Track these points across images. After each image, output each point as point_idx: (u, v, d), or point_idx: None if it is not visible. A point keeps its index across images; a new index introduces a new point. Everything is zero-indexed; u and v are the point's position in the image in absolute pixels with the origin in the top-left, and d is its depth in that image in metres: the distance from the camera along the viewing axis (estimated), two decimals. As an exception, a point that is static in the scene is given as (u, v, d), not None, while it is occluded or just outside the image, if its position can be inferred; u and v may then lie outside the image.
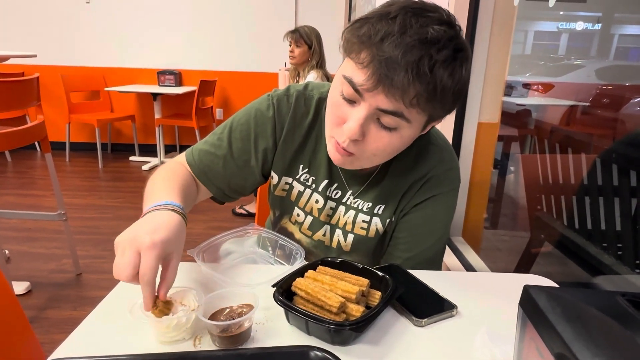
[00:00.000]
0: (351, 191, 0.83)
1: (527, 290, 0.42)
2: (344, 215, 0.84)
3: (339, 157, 0.70)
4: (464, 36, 0.65)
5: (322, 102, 0.81)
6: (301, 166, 0.84)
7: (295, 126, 0.82)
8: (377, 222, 0.82)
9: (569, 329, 0.35)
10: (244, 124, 0.82)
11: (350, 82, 0.62)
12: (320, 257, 0.75)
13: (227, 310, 0.60)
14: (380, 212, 0.82)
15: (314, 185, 0.84)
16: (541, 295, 0.40)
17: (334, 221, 0.85)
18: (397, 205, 0.82)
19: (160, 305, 0.57)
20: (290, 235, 0.90)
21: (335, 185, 0.83)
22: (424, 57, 0.57)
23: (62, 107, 4.23)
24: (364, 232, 0.83)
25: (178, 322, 0.56)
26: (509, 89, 2.43)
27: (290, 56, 2.83)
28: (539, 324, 0.39)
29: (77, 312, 1.88)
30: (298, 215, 0.87)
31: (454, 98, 0.64)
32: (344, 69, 0.65)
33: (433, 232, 0.83)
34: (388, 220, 0.82)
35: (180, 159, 0.85)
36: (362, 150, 0.67)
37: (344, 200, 0.84)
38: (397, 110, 0.62)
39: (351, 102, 0.65)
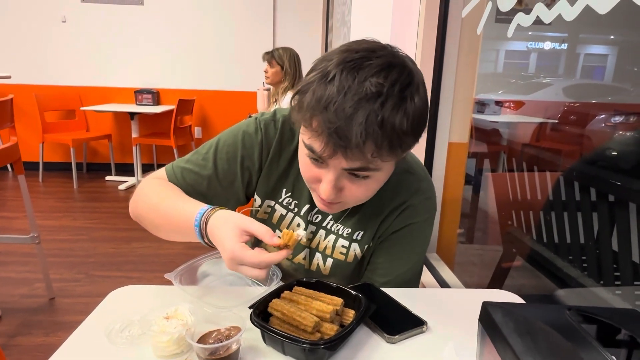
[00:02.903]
0: (332, 216, 0.85)
1: (485, 307, 0.45)
2: (324, 239, 0.86)
3: (324, 208, 0.73)
4: (433, 60, 0.67)
5: None
6: (284, 190, 0.85)
7: (281, 151, 0.83)
8: (355, 248, 0.84)
9: (520, 342, 0.38)
10: (231, 146, 0.83)
11: (311, 149, 0.64)
12: None
13: (215, 332, 0.61)
14: (359, 238, 0.84)
15: (296, 209, 0.86)
16: (497, 312, 0.44)
17: (314, 245, 0.87)
18: (375, 232, 0.84)
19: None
20: None
21: (316, 209, 0.85)
22: (370, 116, 0.57)
23: (35, 126, 4.15)
24: (342, 257, 0.85)
25: (179, 337, 0.59)
26: (482, 106, 2.52)
27: (265, 76, 2.98)
28: (495, 338, 0.42)
29: (49, 338, 1.83)
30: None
31: (416, 129, 0.63)
32: (304, 134, 0.66)
33: (410, 258, 0.86)
34: (366, 246, 0.84)
35: (160, 175, 0.85)
36: (345, 198, 0.70)
37: (324, 224, 0.86)
38: (362, 167, 0.63)
39: (319, 163, 0.66)
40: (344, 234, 0.84)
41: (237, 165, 0.83)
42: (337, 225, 0.85)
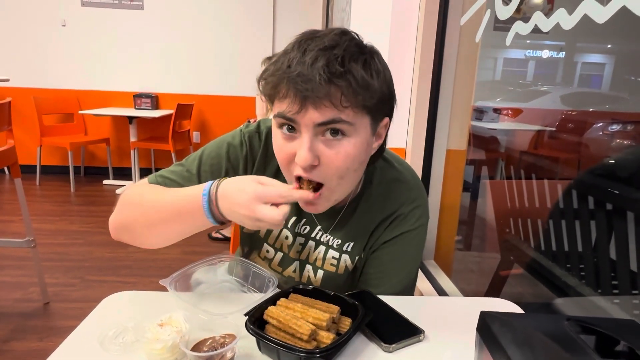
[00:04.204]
0: (320, 227, 0.84)
1: (483, 316, 0.45)
2: (314, 251, 0.85)
3: (310, 207, 0.71)
4: (431, 67, 0.67)
5: None
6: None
7: (266, 164, 0.83)
8: (346, 259, 0.83)
9: (518, 353, 0.38)
10: (215, 158, 0.82)
11: (282, 115, 0.64)
12: None
13: (210, 340, 0.60)
14: (349, 249, 0.83)
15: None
16: (495, 322, 0.43)
17: (303, 256, 0.86)
18: (366, 243, 0.83)
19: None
20: None
21: (304, 220, 0.85)
22: (331, 60, 0.60)
23: (33, 129, 4.14)
24: (333, 269, 0.84)
25: (173, 344, 0.58)
26: (480, 113, 2.53)
27: None
28: (493, 349, 0.42)
29: (43, 343, 1.81)
30: (267, 251, 0.88)
31: (381, 89, 0.65)
32: (273, 114, 0.67)
33: (402, 269, 0.84)
34: (357, 257, 0.83)
35: (142, 182, 0.83)
36: (325, 174, 0.66)
37: (312, 236, 0.85)
38: (334, 118, 0.62)
39: (292, 136, 0.66)
40: (334, 245, 0.83)
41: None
42: (327, 236, 0.84)
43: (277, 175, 0.82)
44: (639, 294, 1.09)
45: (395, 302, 0.77)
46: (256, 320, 0.64)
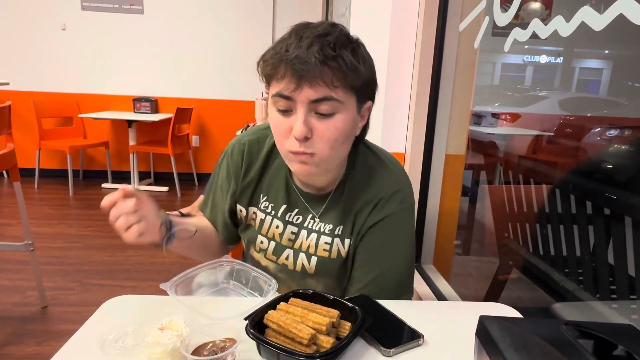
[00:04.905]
0: (312, 214, 0.88)
1: (482, 321, 0.45)
2: (306, 239, 0.88)
3: (303, 166, 0.75)
4: (430, 73, 0.70)
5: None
6: (261, 195, 0.91)
7: (251, 163, 0.90)
8: (338, 243, 0.86)
9: (516, 357, 0.38)
10: (224, 180, 0.95)
11: (279, 94, 0.71)
12: (285, 281, 0.80)
13: (210, 344, 0.60)
14: (339, 232, 0.86)
15: (273, 212, 0.90)
16: (494, 326, 0.44)
17: (297, 246, 0.89)
18: (353, 225, 0.86)
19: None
20: (257, 264, 0.93)
21: (296, 210, 0.88)
22: (324, 45, 0.68)
23: (32, 133, 4.14)
24: (326, 254, 0.87)
25: (173, 348, 0.58)
26: (479, 118, 2.54)
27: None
28: (492, 353, 0.42)
29: (41, 348, 1.80)
30: (262, 242, 0.92)
31: (366, 73, 0.74)
32: (271, 91, 0.74)
33: (391, 254, 0.85)
34: (347, 241, 0.86)
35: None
36: (317, 145, 0.73)
37: (305, 225, 0.88)
38: (326, 95, 0.70)
39: (288, 112, 0.73)
40: (326, 231, 0.86)
41: (226, 203, 0.94)
42: (318, 223, 0.87)
43: (265, 166, 0.90)
44: (637, 298, 1.09)
45: (394, 306, 0.77)
46: (256, 325, 0.64)
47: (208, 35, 4.47)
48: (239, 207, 0.93)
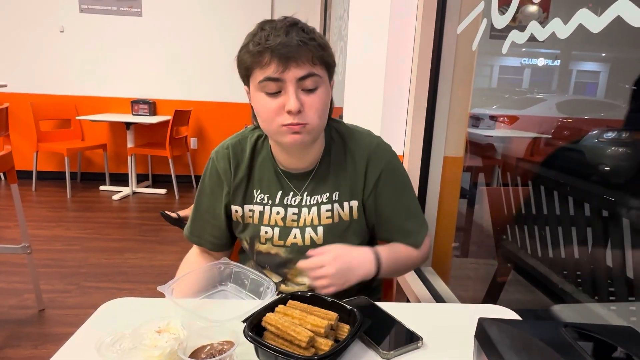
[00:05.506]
0: (306, 191, 0.93)
1: (481, 323, 0.45)
2: (309, 214, 0.93)
3: (296, 136, 0.81)
4: (428, 75, 0.71)
5: (254, 132, 0.97)
6: (254, 190, 0.95)
7: (239, 163, 0.94)
8: (337, 208, 0.93)
9: (515, 359, 0.38)
10: (210, 195, 0.98)
11: (269, 78, 0.78)
12: (299, 261, 0.85)
13: (208, 347, 0.60)
14: (337, 198, 0.93)
15: (270, 201, 0.94)
16: (493, 328, 0.43)
17: (301, 223, 0.93)
18: (351, 187, 0.93)
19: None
20: (267, 255, 0.95)
21: (292, 193, 0.94)
22: (299, 30, 0.78)
23: (30, 135, 4.13)
24: (330, 221, 0.93)
25: (171, 351, 0.58)
26: (477, 120, 2.54)
27: None
28: (491, 355, 0.42)
29: (38, 351, 1.79)
30: (266, 232, 0.94)
31: (330, 52, 0.84)
32: (255, 81, 0.80)
33: (408, 194, 0.97)
34: (346, 204, 0.93)
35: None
36: (308, 116, 0.81)
37: (304, 203, 0.93)
38: (310, 72, 0.79)
39: (277, 93, 0.80)
40: (324, 200, 0.93)
41: (214, 200, 0.98)
42: (315, 196, 0.93)
43: (252, 163, 0.94)
44: (636, 300, 1.09)
45: (393, 308, 0.77)
46: (254, 327, 0.64)
47: (206, 37, 4.48)
48: (234, 208, 0.95)
